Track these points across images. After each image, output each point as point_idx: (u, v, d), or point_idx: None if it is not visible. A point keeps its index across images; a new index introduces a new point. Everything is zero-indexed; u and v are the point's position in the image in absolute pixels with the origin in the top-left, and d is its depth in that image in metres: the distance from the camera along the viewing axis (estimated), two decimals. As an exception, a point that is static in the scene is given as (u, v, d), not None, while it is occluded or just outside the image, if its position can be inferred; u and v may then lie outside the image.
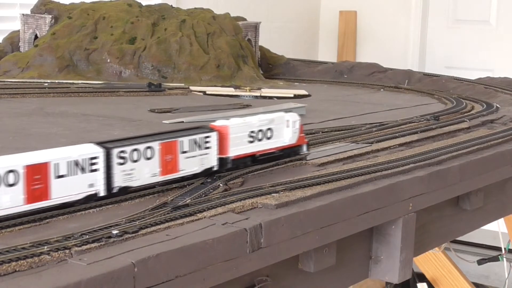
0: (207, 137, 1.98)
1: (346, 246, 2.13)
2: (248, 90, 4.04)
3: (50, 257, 1.41)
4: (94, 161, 1.69)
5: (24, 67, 4.16)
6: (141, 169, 1.80)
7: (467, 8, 6.95)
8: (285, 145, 2.24)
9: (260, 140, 2.14)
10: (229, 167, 2.05)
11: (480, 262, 4.50)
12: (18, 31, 4.46)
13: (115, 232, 1.55)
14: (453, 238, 2.98)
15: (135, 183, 1.80)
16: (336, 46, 7.35)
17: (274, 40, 5.89)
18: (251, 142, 2.11)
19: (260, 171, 2.15)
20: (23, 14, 4.44)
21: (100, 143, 1.73)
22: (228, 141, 2.03)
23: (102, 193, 1.72)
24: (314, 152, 2.43)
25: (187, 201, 1.79)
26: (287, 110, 3.20)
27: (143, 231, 1.59)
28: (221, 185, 1.94)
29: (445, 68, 6.73)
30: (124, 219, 1.63)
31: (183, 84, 4.18)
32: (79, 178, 1.66)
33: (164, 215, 1.69)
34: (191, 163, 1.94)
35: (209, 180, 1.97)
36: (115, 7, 4.49)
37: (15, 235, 1.54)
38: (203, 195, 1.86)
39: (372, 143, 2.64)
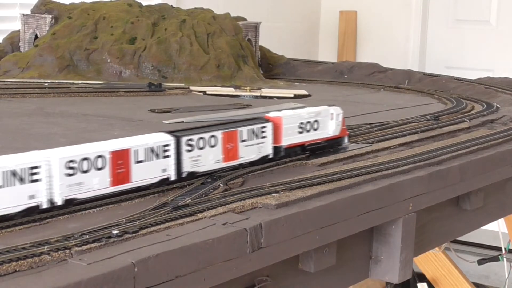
0: (264, 127, 2.15)
1: (346, 246, 2.13)
2: (248, 90, 4.04)
3: (50, 257, 1.41)
4: (166, 148, 1.85)
5: (24, 67, 4.16)
6: (206, 156, 1.97)
7: (467, 8, 6.95)
8: (330, 136, 2.42)
9: (308, 131, 2.32)
10: (282, 155, 2.22)
11: (480, 262, 4.50)
12: (18, 31, 4.46)
13: (115, 232, 1.55)
14: (453, 238, 2.98)
15: (201, 168, 1.96)
16: (336, 46, 7.35)
17: (274, 40, 5.89)
18: (301, 132, 2.28)
19: (260, 171, 2.15)
20: (23, 14, 4.44)
21: (170, 132, 1.89)
22: (281, 131, 2.20)
23: (173, 177, 1.88)
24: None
25: (187, 201, 1.79)
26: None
27: (143, 231, 1.59)
28: (221, 185, 1.94)
29: (445, 68, 6.73)
30: (124, 219, 1.63)
31: (183, 84, 4.18)
32: (154, 164, 1.83)
33: (164, 215, 1.69)
34: (249, 151, 2.11)
35: (209, 180, 1.98)
36: (115, 7, 4.49)
37: (15, 235, 1.54)
38: (203, 195, 1.86)
39: (372, 143, 2.64)
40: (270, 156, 2.19)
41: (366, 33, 7.32)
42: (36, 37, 4.39)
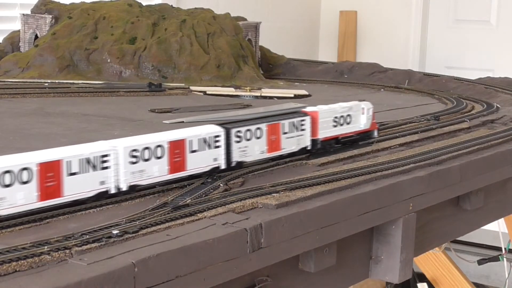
0: (303, 120, 2.30)
1: (346, 246, 2.13)
2: (248, 90, 4.04)
3: (50, 257, 1.41)
4: (217, 139, 1.99)
5: (24, 67, 4.16)
6: (253, 147, 2.11)
7: (467, 8, 6.95)
8: (361, 130, 2.55)
9: (341, 125, 2.46)
10: (318, 148, 2.37)
11: (480, 262, 4.49)
12: (19, 31, 4.46)
13: (115, 232, 1.55)
14: (454, 238, 2.98)
15: (248, 158, 2.10)
16: (337, 46, 7.35)
17: (275, 40, 5.89)
18: (335, 126, 2.43)
19: (260, 171, 2.15)
20: (23, 14, 4.44)
21: (220, 124, 2.03)
22: (318, 124, 2.35)
23: (223, 166, 2.02)
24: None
25: (188, 201, 1.79)
26: (287, 110, 3.22)
27: (144, 231, 1.59)
28: (221, 185, 1.94)
29: (445, 68, 6.73)
30: (124, 219, 1.63)
31: (183, 84, 4.18)
32: (206, 153, 1.97)
33: (165, 215, 1.69)
34: (290, 142, 2.26)
35: (209, 180, 1.98)
36: (115, 7, 4.49)
37: (15, 235, 1.54)
38: (204, 195, 1.86)
39: (372, 143, 2.64)
40: (309, 148, 2.33)
41: (366, 33, 7.32)
42: (36, 37, 4.39)
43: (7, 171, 1.53)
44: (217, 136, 1.99)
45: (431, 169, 2.38)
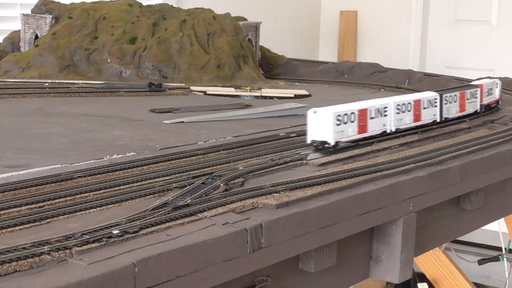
0: (476, 91, 3.22)
1: (346, 246, 2.13)
2: (248, 90, 4.04)
3: (50, 257, 1.41)
4: (435, 101, 2.92)
5: (24, 67, 4.16)
6: (452, 107, 3.03)
7: (467, 8, 6.95)
8: (497, 99, 3.46)
9: (489, 95, 3.36)
10: (483, 111, 3.27)
11: (480, 262, 4.49)
12: (19, 31, 4.46)
13: (115, 232, 1.55)
14: (454, 238, 2.98)
15: (450, 115, 3.02)
16: (337, 46, 7.35)
17: (275, 40, 5.88)
18: (487, 96, 3.33)
19: (261, 171, 2.16)
20: (23, 14, 4.44)
21: (436, 91, 2.97)
22: (483, 93, 3.27)
23: (438, 120, 2.94)
24: (315, 152, 2.43)
25: (188, 201, 1.79)
26: (287, 110, 3.23)
27: (144, 231, 1.59)
28: (221, 185, 1.95)
29: (445, 68, 6.73)
30: (124, 219, 1.63)
31: (183, 84, 4.18)
32: (430, 110, 2.88)
33: (165, 215, 1.69)
34: (471, 106, 3.19)
35: (209, 180, 1.98)
36: (115, 7, 4.49)
37: (15, 235, 1.54)
38: (204, 195, 1.86)
39: (372, 143, 2.64)
40: (478, 111, 3.25)
41: (367, 33, 7.32)
42: (37, 37, 4.39)
43: (345, 114, 2.43)
44: (435, 99, 2.91)
45: (431, 169, 2.38)
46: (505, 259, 4.50)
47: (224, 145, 2.48)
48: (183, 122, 3.04)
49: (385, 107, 2.62)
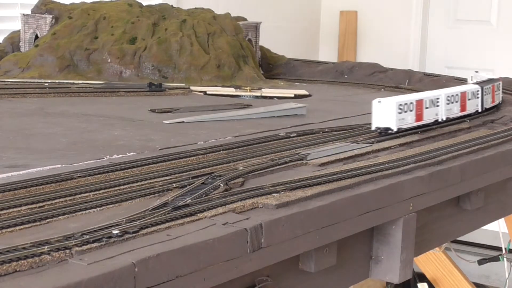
0: (499, 84, 3.54)
1: (346, 246, 2.13)
2: (248, 90, 4.04)
3: (50, 257, 1.41)
4: (478, 92, 3.18)
5: (24, 67, 4.16)
6: (488, 99, 3.31)
7: (467, 8, 6.95)
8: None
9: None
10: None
11: (480, 262, 4.49)
12: (19, 31, 4.46)
13: (115, 232, 1.55)
14: (454, 238, 2.97)
15: (486, 105, 3.28)
16: (337, 46, 7.35)
17: (275, 40, 5.88)
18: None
19: (261, 171, 2.16)
20: (23, 14, 4.44)
21: (477, 83, 3.32)
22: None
23: (479, 110, 3.21)
24: (314, 152, 2.43)
25: (188, 201, 1.79)
26: (287, 110, 3.24)
27: (144, 231, 1.59)
28: (221, 185, 1.95)
29: (445, 68, 6.73)
30: (124, 219, 1.63)
31: (183, 84, 4.18)
32: (474, 101, 3.15)
33: (165, 215, 1.69)
34: (497, 98, 3.48)
35: (209, 180, 1.98)
36: (115, 7, 4.49)
37: (15, 235, 1.54)
38: (204, 195, 1.86)
39: (372, 143, 2.64)
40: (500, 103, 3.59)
41: (367, 33, 7.32)
42: (37, 37, 4.39)
43: (405, 103, 2.69)
44: (477, 91, 3.18)
45: (431, 169, 2.38)
46: (505, 259, 4.50)
47: (224, 145, 2.49)
48: (183, 122, 3.04)
49: (437, 98, 2.86)
